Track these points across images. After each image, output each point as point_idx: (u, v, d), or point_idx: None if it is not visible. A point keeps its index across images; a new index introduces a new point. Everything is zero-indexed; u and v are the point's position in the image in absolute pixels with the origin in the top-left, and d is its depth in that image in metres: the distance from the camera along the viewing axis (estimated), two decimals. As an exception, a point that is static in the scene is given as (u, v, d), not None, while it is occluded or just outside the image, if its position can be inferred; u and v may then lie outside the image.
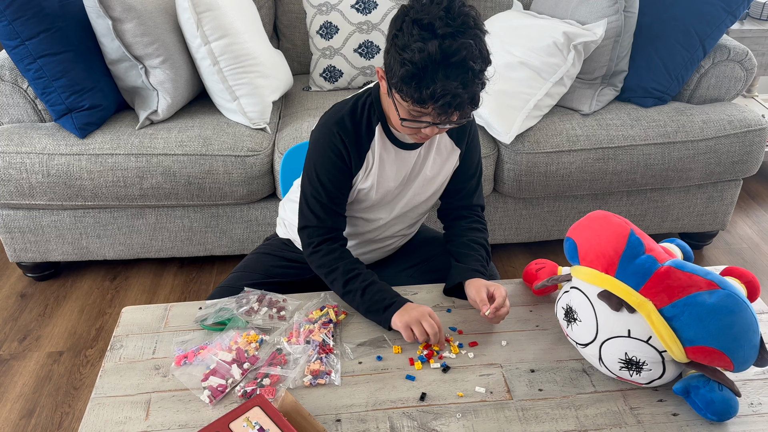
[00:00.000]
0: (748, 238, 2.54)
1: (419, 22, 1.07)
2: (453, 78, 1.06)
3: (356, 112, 1.28)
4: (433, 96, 1.07)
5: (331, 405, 1.08)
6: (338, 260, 1.29)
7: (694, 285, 1.01)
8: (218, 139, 2.00)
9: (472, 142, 1.39)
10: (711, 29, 2.10)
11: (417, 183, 1.36)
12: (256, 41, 2.13)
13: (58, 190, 1.98)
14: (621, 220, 1.10)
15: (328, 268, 1.30)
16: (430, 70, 1.06)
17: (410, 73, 1.07)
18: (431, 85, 1.07)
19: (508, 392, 1.11)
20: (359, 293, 1.25)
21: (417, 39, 1.06)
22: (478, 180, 1.43)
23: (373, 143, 1.29)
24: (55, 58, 1.89)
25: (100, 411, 1.07)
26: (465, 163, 1.39)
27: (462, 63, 1.06)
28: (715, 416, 1.04)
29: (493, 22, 2.25)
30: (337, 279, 1.28)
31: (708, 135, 2.10)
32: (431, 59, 1.05)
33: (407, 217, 1.43)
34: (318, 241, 1.32)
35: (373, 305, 1.24)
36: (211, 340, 1.19)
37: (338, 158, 1.28)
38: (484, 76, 1.11)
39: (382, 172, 1.31)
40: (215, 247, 2.20)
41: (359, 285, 1.26)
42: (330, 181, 1.29)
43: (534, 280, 1.32)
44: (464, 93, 1.08)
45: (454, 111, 1.10)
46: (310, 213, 1.31)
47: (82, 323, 2.09)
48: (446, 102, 1.08)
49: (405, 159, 1.32)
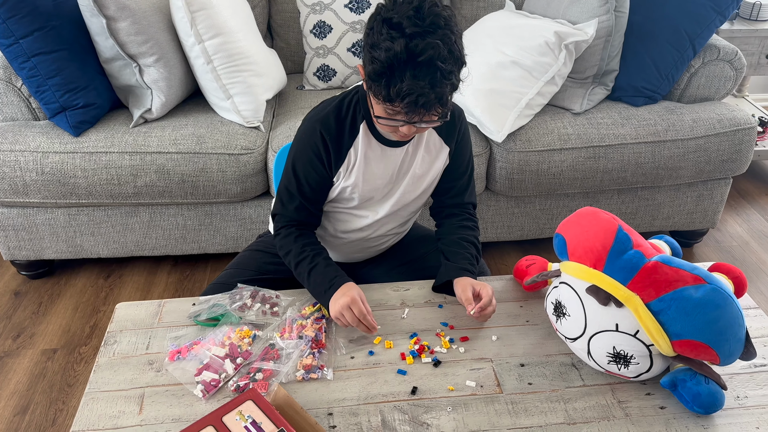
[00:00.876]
0: (737, 236, 2.56)
1: (389, 21, 1.08)
2: (421, 78, 1.07)
3: (341, 110, 1.30)
4: (400, 94, 1.08)
5: (324, 399, 1.10)
6: (292, 243, 1.33)
7: (681, 280, 1.03)
8: (212, 137, 2.01)
9: (462, 140, 1.40)
10: (701, 29, 2.12)
11: (406, 181, 1.37)
12: (250, 40, 2.14)
13: (52, 188, 1.98)
14: (609, 216, 1.12)
15: (284, 252, 1.34)
16: (397, 69, 1.07)
17: (378, 72, 1.09)
18: (398, 84, 1.08)
19: (498, 386, 1.13)
20: (305, 276, 1.29)
21: (386, 38, 1.08)
22: (470, 178, 1.45)
23: (356, 141, 1.30)
24: (49, 57, 1.90)
25: (94, 405, 1.08)
26: (455, 161, 1.40)
27: (429, 62, 1.07)
28: (702, 409, 1.06)
29: (485, 22, 2.27)
30: (291, 262, 1.32)
31: (698, 134, 2.12)
32: (398, 58, 1.07)
33: (398, 216, 1.44)
34: (281, 225, 1.36)
35: (317, 289, 1.27)
36: (205, 335, 1.21)
37: (316, 157, 1.30)
38: (454, 77, 1.12)
39: (368, 170, 1.33)
40: (209, 245, 2.21)
41: (306, 268, 1.29)
42: (305, 177, 1.32)
43: (524, 276, 1.34)
44: (431, 93, 1.09)
45: (422, 110, 1.12)
46: (280, 203, 1.36)
47: (76, 321, 2.09)
48: (412, 101, 1.09)
49: (391, 157, 1.33)
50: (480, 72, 2.07)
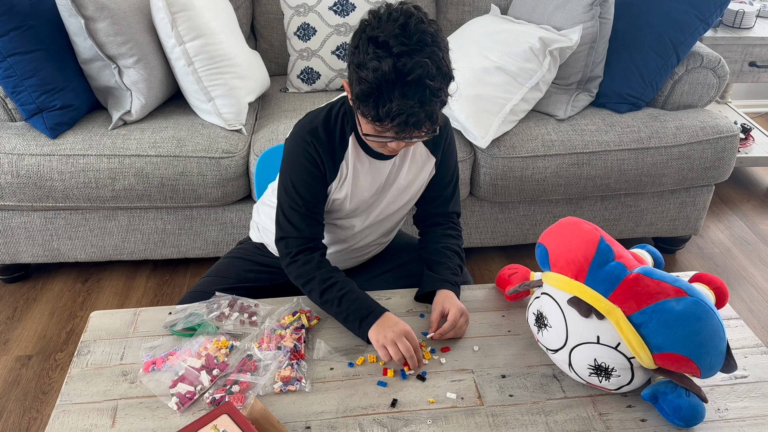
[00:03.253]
0: (720, 242, 2.58)
1: (375, 39, 1.06)
2: (410, 97, 1.05)
3: (330, 122, 1.27)
4: (389, 114, 1.06)
5: (301, 412, 1.07)
6: (315, 269, 1.27)
7: (663, 292, 1.02)
8: (193, 140, 1.98)
9: (448, 150, 1.38)
10: (685, 36, 2.13)
11: (391, 192, 1.35)
12: (233, 42, 2.11)
13: (28, 191, 1.94)
14: (591, 226, 1.11)
15: (305, 279, 1.27)
16: (385, 89, 1.05)
17: (366, 93, 1.07)
18: (387, 104, 1.06)
19: (479, 398, 1.11)
20: (336, 302, 1.23)
21: (372, 57, 1.05)
22: (455, 187, 1.43)
23: (347, 154, 1.28)
24: (25, 57, 1.86)
25: (65, 418, 1.05)
26: (441, 171, 1.39)
27: (418, 81, 1.05)
28: (683, 422, 1.05)
29: (470, 27, 2.26)
30: (315, 289, 1.26)
31: (681, 141, 2.12)
32: (386, 78, 1.04)
33: (382, 226, 1.42)
34: (296, 251, 1.29)
35: (350, 316, 1.22)
36: (181, 345, 1.18)
37: (313, 167, 1.27)
38: (443, 93, 1.10)
39: (356, 183, 1.30)
40: (189, 250, 2.18)
41: (336, 294, 1.23)
42: (307, 190, 1.27)
43: (506, 285, 1.33)
44: (421, 111, 1.07)
45: (412, 129, 1.10)
46: (288, 223, 1.29)
47: (53, 326, 2.05)
48: (402, 121, 1.07)
49: (379, 169, 1.31)
50: (465, 77, 2.06)
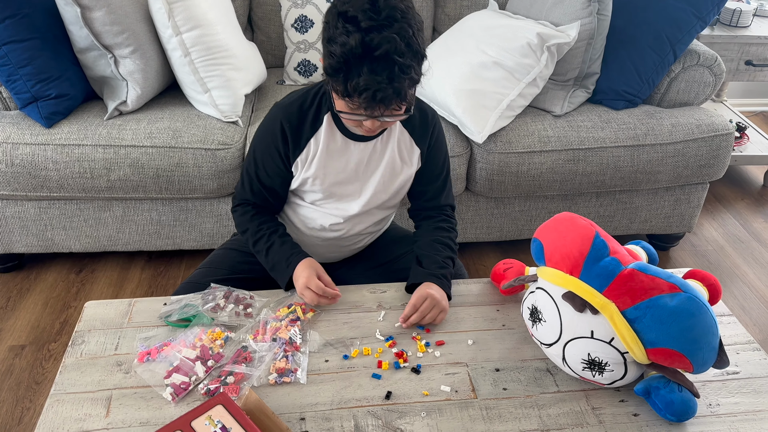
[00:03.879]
0: (713, 240, 2.59)
1: (344, 14, 1.07)
2: (378, 72, 1.06)
3: (306, 100, 1.30)
4: (357, 89, 1.07)
5: (296, 403, 1.08)
6: (249, 221, 1.37)
7: (657, 288, 1.02)
8: (188, 131, 1.98)
9: (436, 143, 1.38)
10: (682, 34, 2.13)
11: (377, 180, 1.36)
12: (230, 33, 2.10)
13: (23, 181, 1.93)
14: (586, 222, 1.11)
15: (241, 229, 1.39)
16: (353, 64, 1.06)
17: (334, 67, 1.08)
18: (355, 79, 1.07)
19: (473, 391, 1.12)
20: (264, 256, 1.34)
21: (341, 32, 1.06)
22: (445, 180, 1.43)
23: (318, 132, 1.30)
24: (20, 45, 1.84)
25: (59, 408, 1.05)
26: (429, 165, 1.39)
27: (386, 57, 1.05)
28: (675, 417, 1.06)
29: (468, 21, 2.26)
30: (248, 239, 1.37)
31: (677, 138, 2.13)
32: (353, 53, 1.05)
33: (371, 216, 1.43)
34: (237, 202, 1.41)
35: (277, 270, 1.32)
36: (175, 336, 1.18)
37: (273, 145, 1.32)
38: (413, 71, 1.10)
39: (329, 163, 1.32)
40: (184, 241, 2.18)
41: (263, 246, 1.33)
42: (262, 163, 1.34)
43: (502, 280, 1.33)
44: (389, 87, 1.07)
45: (381, 105, 1.10)
46: (241, 182, 1.40)
47: (46, 316, 2.05)
48: (370, 96, 1.07)
49: (355, 152, 1.32)
50: (462, 72, 2.06)
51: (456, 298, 1.33)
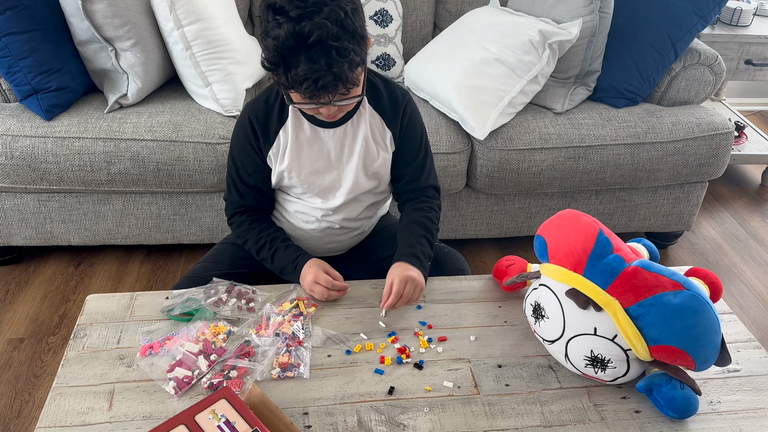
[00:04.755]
0: (711, 238, 2.60)
1: (273, 6, 1.06)
2: (316, 60, 1.05)
3: (271, 95, 1.32)
4: (297, 80, 1.07)
5: (299, 398, 1.08)
6: (247, 231, 1.38)
7: (660, 285, 1.03)
8: (189, 125, 1.97)
9: (408, 126, 1.37)
10: (683, 33, 2.13)
11: (355, 166, 1.35)
12: (231, 27, 2.09)
13: (22, 173, 1.92)
14: (590, 219, 1.11)
15: (242, 240, 1.40)
16: (289, 55, 1.06)
17: (272, 61, 1.08)
18: (294, 69, 1.06)
19: (476, 387, 1.12)
20: (269, 263, 1.36)
21: (273, 25, 1.06)
22: (424, 162, 1.42)
23: (286, 124, 1.31)
24: (21, 37, 1.83)
25: (62, 401, 1.05)
26: (404, 147, 1.38)
27: (320, 44, 1.04)
28: (676, 414, 1.07)
29: (469, 18, 2.26)
30: (251, 249, 1.39)
31: (676, 137, 2.13)
32: (287, 45, 1.04)
33: (357, 204, 1.43)
34: (231, 213, 1.41)
35: (284, 273, 1.34)
36: (178, 330, 1.18)
37: (247, 141, 1.33)
38: (353, 53, 1.07)
39: (302, 153, 1.33)
40: (183, 235, 2.17)
41: (268, 254, 1.35)
42: (241, 162, 1.36)
43: (504, 277, 1.33)
44: (328, 74, 1.06)
45: (325, 93, 1.09)
46: (227, 189, 1.41)
47: (45, 310, 2.04)
48: (310, 85, 1.07)
49: (326, 139, 1.33)
50: (463, 68, 2.05)
51: (458, 294, 1.33)
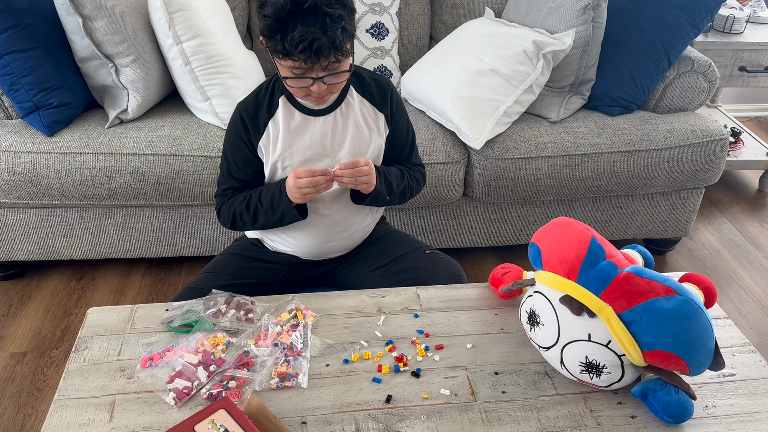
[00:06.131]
0: (709, 244, 2.61)
1: None
2: (311, 24, 1.13)
3: (260, 91, 1.38)
4: (293, 43, 1.13)
5: (297, 407, 1.09)
6: (233, 203, 1.42)
7: (653, 291, 1.04)
8: (189, 139, 1.99)
9: (397, 109, 1.45)
10: (676, 41, 2.15)
11: (347, 152, 1.40)
12: (229, 42, 2.12)
13: (24, 189, 1.95)
14: (583, 226, 1.13)
15: (229, 223, 1.44)
16: (285, 20, 1.13)
17: (270, 28, 1.15)
18: (290, 34, 1.13)
19: (472, 394, 1.13)
20: (258, 208, 1.38)
21: None
22: (412, 144, 1.51)
23: (276, 115, 1.36)
24: (23, 55, 1.86)
25: (63, 413, 1.06)
26: (396, 128, 1.45)
27: (315, 9, 1.13)
28: (672, 418, 1.07)
29: (465, 29, 2.28)
30: (243, 213, 1.40)
31: (672, 144, 2.15)
32: (285, 10, 1.12)
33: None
34: (218, 206, 1.46)
35: (275, 206, 1.36)
36: (177, 342, 1.19)
37: (237, 136, 1.39)
38: (345, 21, 1.17)
39: (294, 142, 1.38)
40: (184, 248, 2.19)
41: (254, 203, 1.38)
42: (232, 157, 1.42)
43: (500, 284, 1.34)
44: (323, 37, 1.13)
45: (320, 58, 1.16)
46: (218, 184, 1.47)
47: (47, 324, 2.06)
48: (306, 47, 1.13)
49: (317, 127, 1.38)
50: (459, 79, 2.08)
51: (455, 303, 1.34)
